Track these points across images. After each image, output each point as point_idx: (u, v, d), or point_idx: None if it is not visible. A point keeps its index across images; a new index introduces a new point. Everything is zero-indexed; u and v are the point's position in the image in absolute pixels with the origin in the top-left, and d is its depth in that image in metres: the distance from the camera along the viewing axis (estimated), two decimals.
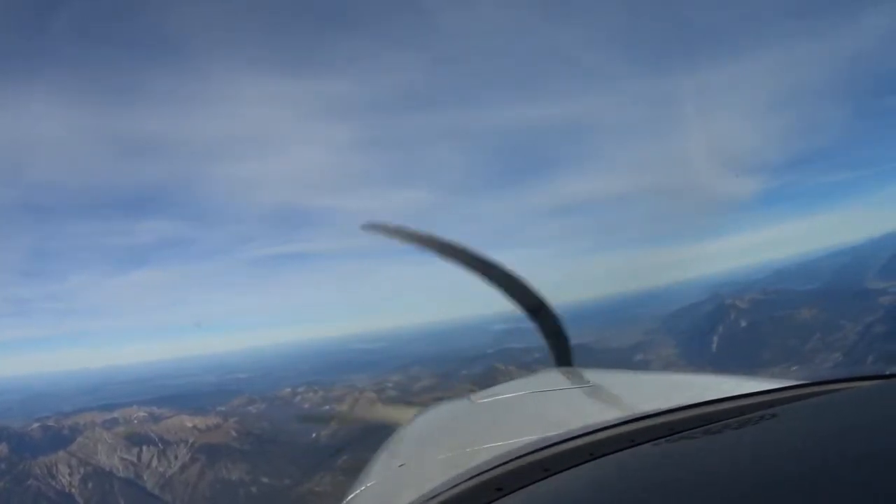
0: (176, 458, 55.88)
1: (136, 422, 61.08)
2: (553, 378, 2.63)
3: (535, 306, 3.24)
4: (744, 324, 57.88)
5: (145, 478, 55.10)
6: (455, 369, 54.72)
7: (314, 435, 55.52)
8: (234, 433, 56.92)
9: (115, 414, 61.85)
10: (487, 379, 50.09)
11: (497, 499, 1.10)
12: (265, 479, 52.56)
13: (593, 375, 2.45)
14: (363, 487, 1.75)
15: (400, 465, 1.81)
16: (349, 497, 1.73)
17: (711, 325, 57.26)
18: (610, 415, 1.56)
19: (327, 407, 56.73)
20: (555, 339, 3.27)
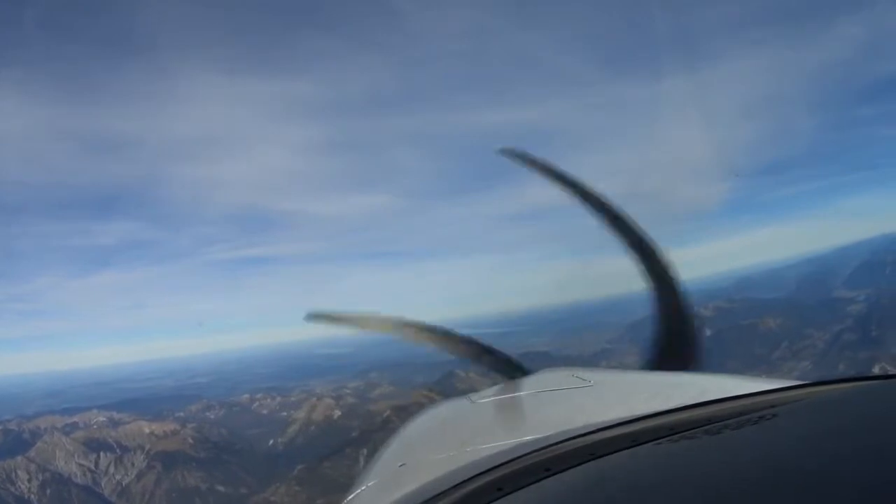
0: (133, 465, 55.31)
1: (95, 426, 60.56)
2: (553, 378, 2.58)
3: (659, 274, 3.00)
4: (709, 332, 57.45)
5: (103, 485, 54.74)
6: (413, 375, 54.24)
7: (271, 442, 54.70)
8: (190, 440, 56.15)
9: (76, 418, 61.78)
10: (444, 385, 49.52)
11: (498, 498, 1.11)
12: (221, 488, 51.84)
13: (593, 375, 2.40)
14: (364, 487, 1.76)
15: (400, 465, 1.80)
16: (350, 496, 1.74)
17: None
18: (610, 415, 1.54)
19: (284, 413, 55.91)
20: (670, 321, 2.95)
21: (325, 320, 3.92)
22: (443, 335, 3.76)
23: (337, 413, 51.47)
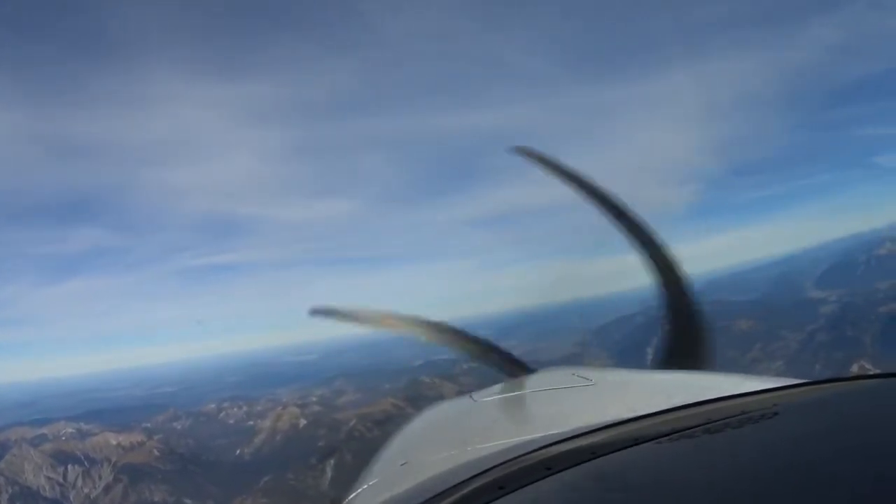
0: (100, 478, 54.65)
1: (63, 438, 59.78)
2: (554, 377, 2.57)
3: (668, 272, 2.99)
4: None
5: (71, 498, 53.96)
6: (379, 383, 53.68)
7: (238, 452, 53.87)
8: (156, 452, 55.43)
9: (45, 430, 60.95)
10: (411, 392, 48.86)
11: (499, 497, 1.11)
12: (188, 501, 51.15)
13: (594, 374, 2.38)
14: (365, 486, 1.75)
15: (402, 464, 1.80)
16: (352, 495, 1.73)
17: (645, 337, 56.11)
18: (611, 414, 1.55)
19: (251, 422, 55.11)
20: (677, 322, 2.91)
21: (331, 316, 3.77)
22: (449, 332, 3.82)
23: (302, 422, 50.77)
